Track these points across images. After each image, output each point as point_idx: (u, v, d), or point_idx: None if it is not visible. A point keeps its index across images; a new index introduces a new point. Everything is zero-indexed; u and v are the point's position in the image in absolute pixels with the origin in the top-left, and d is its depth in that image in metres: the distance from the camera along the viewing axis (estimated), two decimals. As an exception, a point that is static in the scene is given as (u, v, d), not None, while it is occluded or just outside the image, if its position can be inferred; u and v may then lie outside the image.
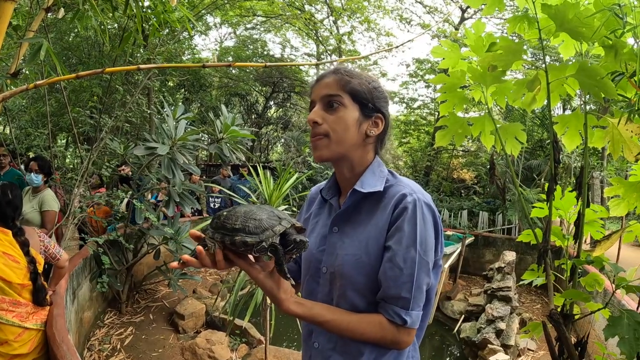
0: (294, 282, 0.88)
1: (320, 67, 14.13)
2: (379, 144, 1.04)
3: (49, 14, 2.86)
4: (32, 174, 3.50)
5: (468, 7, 10.93)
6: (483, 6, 1.71)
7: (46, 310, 2.21)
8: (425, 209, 0.91)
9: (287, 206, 3.61)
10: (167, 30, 8.00)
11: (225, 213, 0.88)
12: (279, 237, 0.83)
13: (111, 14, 3.35)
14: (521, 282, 2.21)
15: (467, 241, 7.52)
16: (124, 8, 2.73)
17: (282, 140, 17.68)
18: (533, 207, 1.99)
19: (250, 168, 3.72)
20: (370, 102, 0.98)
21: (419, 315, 0.90)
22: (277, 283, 0.87)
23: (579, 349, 1.46)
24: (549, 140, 8.96)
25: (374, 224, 0.94)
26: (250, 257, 0.89)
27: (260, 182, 3.28)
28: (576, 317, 1.55)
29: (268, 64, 1.72)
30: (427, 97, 15.30)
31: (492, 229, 8.80)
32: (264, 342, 3.48)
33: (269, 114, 18.12)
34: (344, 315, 0.92)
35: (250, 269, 0.86)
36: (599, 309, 1.48)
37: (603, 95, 1.50)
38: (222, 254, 0.85)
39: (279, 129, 17.67)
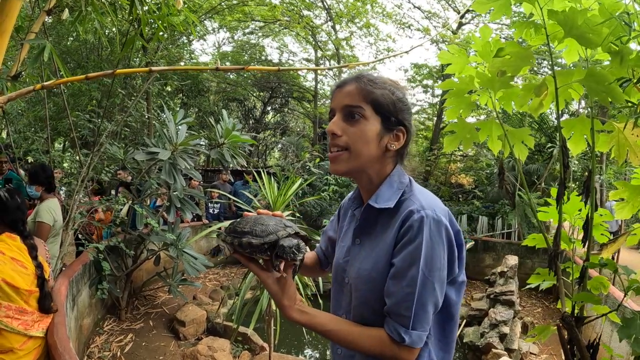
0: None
1: (325, 72, 14.14)
2: (399, 156, 1.01)
3: (49, 16, 2.84)
4: (27, 187, 3.39)
5: (467, 11, 10.99)
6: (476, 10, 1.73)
7: (50, 317, 2.18)
8: (434, 226, 0.87)
9: (290, 212, 3.60)
10: (165, 35, 8.01)
11: (239, 220, 0.96)
12: (283, 242, 0.88)
13: (113, 17, 3.34)
14: (528, 286, 2.21)
15: (467, 246, 7.53)
16: (129, 10, 2.73)
17: (280, 145, 17.67)
18: (537, 211, 1.99)
19: (255, 173, 3.71)
20: (393, 115, 0.94)
21: (420, 336, 0.88)
22: (282, 289, 0.90)
23: (591, 351, 1.47)
24: (548, 145, 9.00)
25: (385, 239, 0.93)
26: (261, 261, 0.94)
27: (264, 186, 3.27)
28: (586, 320, 1.55)
29: (281, 68, 1.73)
30: (425, 102, 15.34)
31: (491, 233, 8.81)
32: (268, 349, 3.46)
33: (266, 119, 18.13)
34: (346, 326, 0.93)
35: (259, 272, 0.91)
36: (610, 311, 1.48)
37: (610, 100, 1.52)
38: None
39: (277, 134, 17.67)
